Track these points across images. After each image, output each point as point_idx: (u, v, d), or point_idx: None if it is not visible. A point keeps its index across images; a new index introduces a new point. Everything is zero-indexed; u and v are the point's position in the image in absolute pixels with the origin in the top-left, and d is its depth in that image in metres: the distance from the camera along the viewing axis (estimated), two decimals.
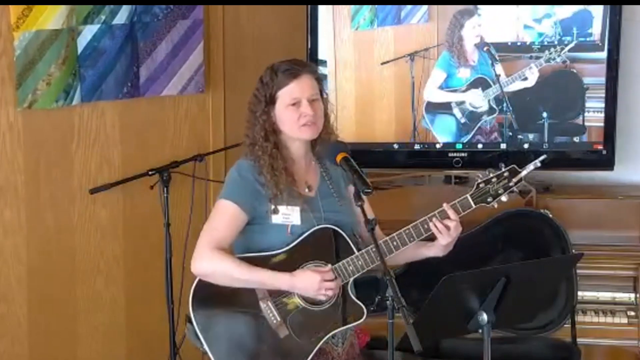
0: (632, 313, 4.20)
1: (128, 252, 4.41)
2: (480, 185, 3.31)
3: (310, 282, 3.18)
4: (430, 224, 3.27)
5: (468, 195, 3.31)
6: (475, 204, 3.31)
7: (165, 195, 4.28)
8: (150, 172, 4.30)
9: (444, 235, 3.28)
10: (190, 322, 3.26)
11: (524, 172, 3.32)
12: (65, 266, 4.24)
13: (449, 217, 3.28)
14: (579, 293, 4.14)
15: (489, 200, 3.31)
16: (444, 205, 3.30)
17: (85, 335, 4.31)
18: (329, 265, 3.23)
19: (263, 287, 3.23)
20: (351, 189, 3.22)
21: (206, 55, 4.57)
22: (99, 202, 4.30)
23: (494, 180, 3.31)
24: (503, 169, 3.32)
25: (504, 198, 3.32)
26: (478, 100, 4.58)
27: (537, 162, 3.31)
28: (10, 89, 3.97)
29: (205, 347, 3.24)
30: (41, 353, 4.17)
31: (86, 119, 4.25)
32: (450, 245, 3.33)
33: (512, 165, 3.33)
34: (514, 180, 3.31)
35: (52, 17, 3.98)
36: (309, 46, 4.63)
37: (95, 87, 4.21)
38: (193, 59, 4.49)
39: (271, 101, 3.25)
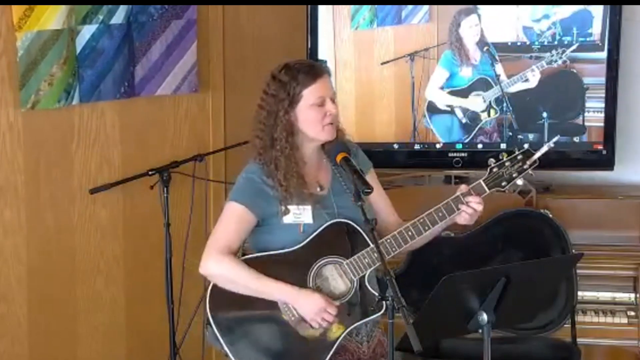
0: (632, 313, 4.20)
1: (128, 252, 4.41)
2: (494, 170, 3.25)
3: (314, 305, 3.17)
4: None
5: (481, 180, 3.26)
6: (489, 188, 3.24)
7: (165, 195, 4.28)
8: (150, 172, 4.29)
9: (468, 217, 3.26)
10: (209, 324, 3.25)
11: (538, 154, 3.24)
12: (65, 266, 4.23)
13: (467, 202, 3.24)
14: (579, 293, 4.14)
15: (503, 184, 3.25)
16: (458, 192, 3.26)
17: (85, 335, 4.31)
18: (338, 302, 3.22)
19: (268, 298, 3.21)
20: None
21: (205, 55, 4.57)
22: (99, 202, 4.29)
23: (507, 164, 3.24)
24: (517, 152, 3.26)
25: (519, 182, 3.25)
26: (479, 102, 4.57)
27: (551, 144, 3.25)
28: (10, 89, 3.97)
29: (226, 349, 3.23)
30: (41, 353, 4.17)
31: (86, 119, 4.25)
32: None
33: (527, 148, 3.28)
34: (528, 162, 3.24)
35: (54, 17, 3.98)
36: (309, 46, 4.63)
37: (94, 87, 4.21)
38: (187, 59, 4.48)
39: (295, 100, 3.20)
